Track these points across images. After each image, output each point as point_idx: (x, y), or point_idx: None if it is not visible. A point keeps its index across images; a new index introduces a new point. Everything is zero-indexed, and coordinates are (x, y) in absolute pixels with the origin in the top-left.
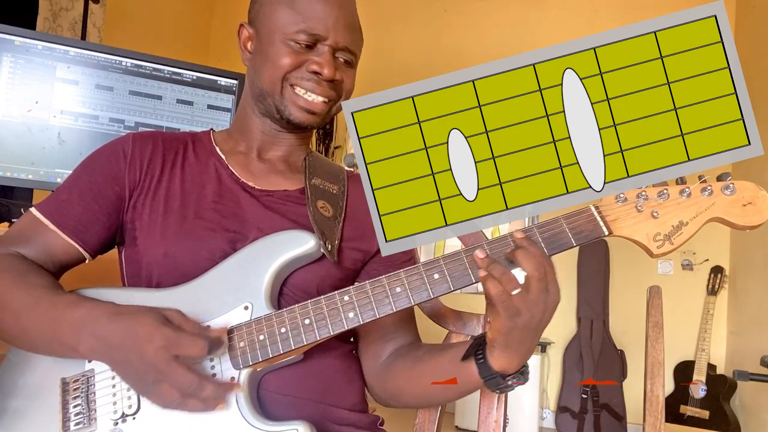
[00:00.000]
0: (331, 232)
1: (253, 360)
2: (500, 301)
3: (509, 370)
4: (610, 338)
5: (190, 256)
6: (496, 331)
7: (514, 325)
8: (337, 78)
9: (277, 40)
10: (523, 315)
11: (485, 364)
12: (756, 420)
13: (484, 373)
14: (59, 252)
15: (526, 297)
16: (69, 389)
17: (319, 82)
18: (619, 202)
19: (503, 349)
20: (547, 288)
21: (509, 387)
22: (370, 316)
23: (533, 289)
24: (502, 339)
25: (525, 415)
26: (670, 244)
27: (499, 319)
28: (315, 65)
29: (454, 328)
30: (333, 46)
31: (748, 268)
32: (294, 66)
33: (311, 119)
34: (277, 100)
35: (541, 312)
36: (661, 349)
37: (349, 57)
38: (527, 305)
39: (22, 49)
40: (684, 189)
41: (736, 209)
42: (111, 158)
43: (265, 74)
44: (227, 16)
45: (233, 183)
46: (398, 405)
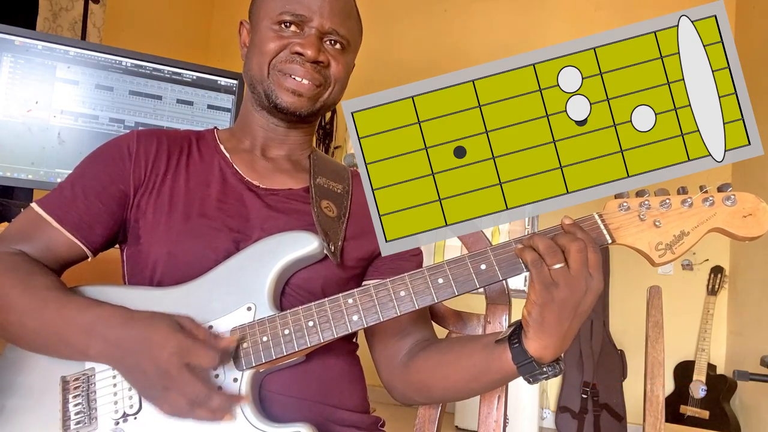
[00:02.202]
0: (334, 232)
1: (257, 361)
2: (535, 267)
3: (545, 358)
4: (610, 338)
5: (194, 255)
6: (532, 302)
7: (551, 298)
8: (321, 59)
9: (264, 27)
10: (561, 289)
11: (520, 348)
12: (756, 420)
13: (518, 359)
14: (61, 249)
15: (567, 273)
16: (69, 388)
17: (302, 63)
18: (622, 211)
19: (538, 326)
20: (590, 272)
21: (544, 374)
22: (374, 320)
23: (573, 266)
24: (537, 312)
25: (525, 415)
26: (672, 253)
27: (534, 289)
28: (298, 46)
29: (454, 328)
30: (318, 29)
31: (748, 268)
32: (279, 49)
33: (298, 102)
34: (266, 86)
35: (582, 292)
36: (661, 349)
37: (339, 40)
38: (567, 280)
39: (22, 49)
40: (686, 199)
41: (736, 220)
42: (115, 156)
43: (254, 62)
44: (227, 16)
45: (238, 182)
46: (425, 400)
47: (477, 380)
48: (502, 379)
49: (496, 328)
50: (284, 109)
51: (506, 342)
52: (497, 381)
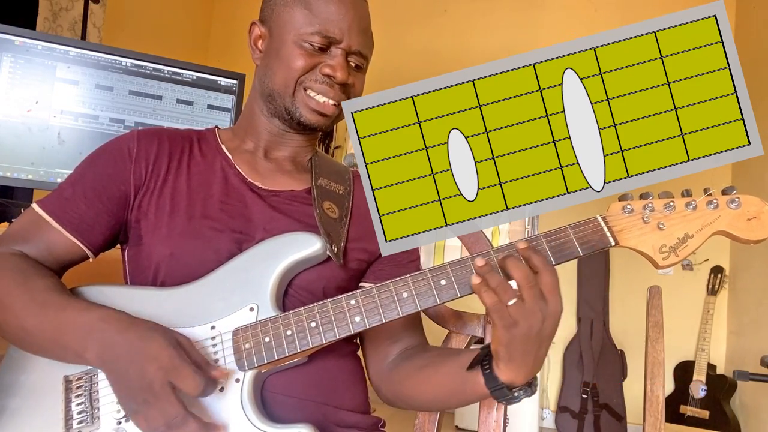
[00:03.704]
0: (336, 233)
1: (259, 362)
2: (495, 311)
3: (516, 382)
4: (610, 338)
5: (196, 256)
6: (497, 342)
7: (513, 336)
8: (350, 82)
9: (290, 41)
10: (521, 326)
11: (491, 375)
12: (756, 420)
13: (491, 384)
14: (62, 250)
15: (522, 307)
16: (72, 387)
17: (331, 85)
18: (626, 213)
19: (507, 361)
20: (543, 297)
21: (516, 399)
22: (376, 321)
23: (526, 298)
24: (503, 351)
25: (525, 415)
26: (676, 256)
27: (498, 330)
28: (328, 68)
29: (454, 329)
30: (346, 50)
31: (748, 268)
32: (307, 68)
33: (321, 121)
34: (287, 102)
35: (540, 321)
36: (661, 349)
37: (360, 61)
38: (524, 315)
39: (22, 49)
40: (690, 202)
41: (740, 223)
42: (116, 156)
43: (278, 75)
44: (227, 16)
45: (240, 182)
46: (407, 407)
47: (452, 398)
48: (477, 399)
49: None
50: (307, 126)
51: (479, 368)
52: (472, 400)
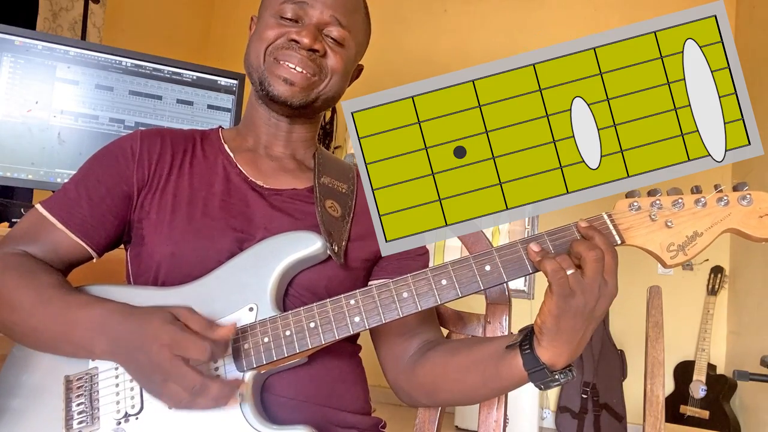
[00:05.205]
0: (338, 232)
1: (258, 362)
2: (554, 277)
3: (557, 365)
4: (610, 338)
5: (197, 255)
6: (547, 313)
7: (567, 306)
8: (317, 47)
9: (266, 16)
10: (577, 297)
11: (532, 355)
12: (756, 420)
13: (530, 365)
14: (66, 251)
15: (581, 280)
16: (72, 387)
17: (297, 50)
18: (633, 211)
19: (553, 335)
20: (604, 277)
21: (556, 381)
22: (375, 321)
23: (588, 272)
24: (552, 322)
25: (525, 415)
26: (684, 254)
27: (552, 300)
28: (294, 34)
29: (454, 329)
30: (318, 18)
31: (748, 268)
32: (277, 37)
33: (290, 92)
34: (261, 74)
35: (594, 299)
36: (661, 349)
37: (339, 34)
38: (581, 288)
39: (22, 49)
40: (699, 198)
41: (752, 220)
42: (119, 156)
43: (252, 49)
44: (227, 16)
45: (241, 182)
46: (430, 402)
47: (486, 386)
48: (512, 385)
49: (496, 328)
50: (276, 98)
51: (517, 348)
52: (506, 387)
